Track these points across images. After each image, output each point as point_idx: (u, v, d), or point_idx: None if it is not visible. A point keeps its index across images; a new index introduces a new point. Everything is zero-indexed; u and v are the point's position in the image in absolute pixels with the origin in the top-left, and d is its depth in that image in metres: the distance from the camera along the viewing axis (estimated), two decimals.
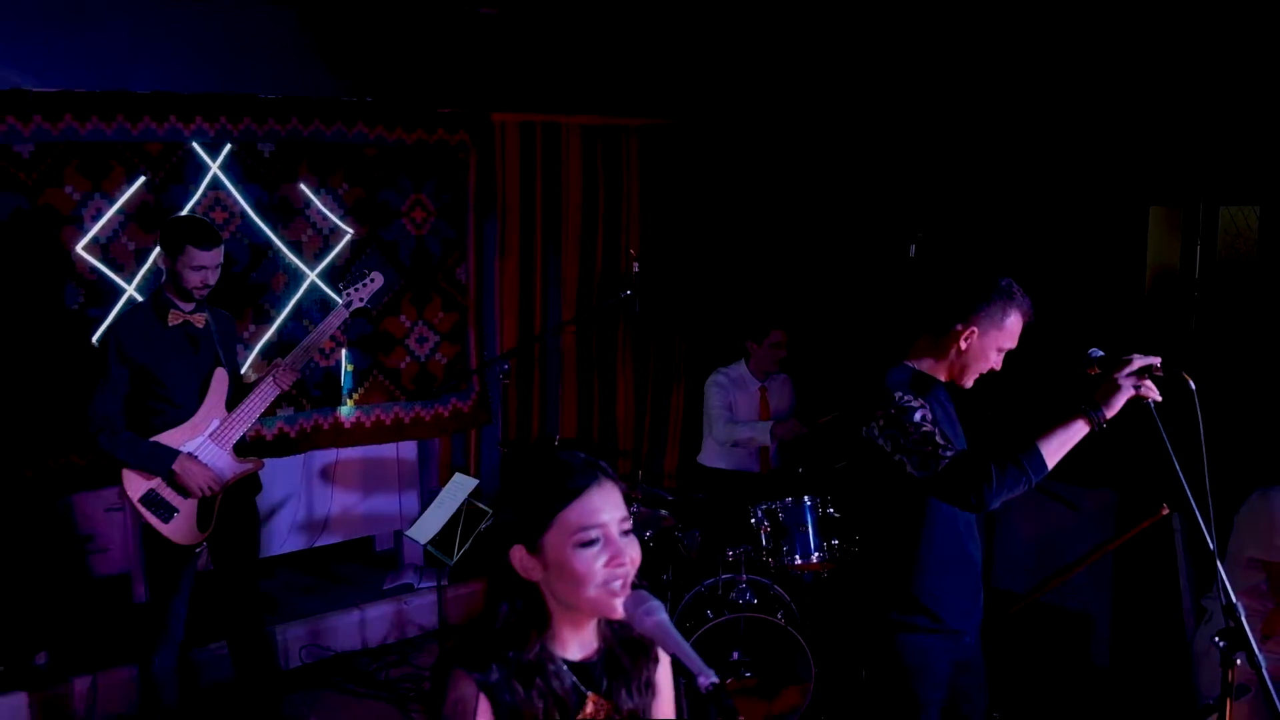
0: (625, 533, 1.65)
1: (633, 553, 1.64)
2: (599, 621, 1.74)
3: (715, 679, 1.42)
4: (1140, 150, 4.81)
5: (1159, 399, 2.33)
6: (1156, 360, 2.36)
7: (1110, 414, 2.37)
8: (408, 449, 5.34)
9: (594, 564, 1.61)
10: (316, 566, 5.21)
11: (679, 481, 5.81)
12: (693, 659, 1.47)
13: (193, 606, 3.64)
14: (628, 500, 1.73)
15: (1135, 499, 4.58)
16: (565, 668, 1.71)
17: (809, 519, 4.20)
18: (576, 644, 1.74)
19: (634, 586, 1.64)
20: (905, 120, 5.62)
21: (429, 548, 3.95)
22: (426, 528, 3.99)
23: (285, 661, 4.53)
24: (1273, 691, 2.20)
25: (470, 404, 5.26)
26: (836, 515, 4.25)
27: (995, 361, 2.67)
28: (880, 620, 2.70)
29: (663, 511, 4.47)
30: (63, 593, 4.28)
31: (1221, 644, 2.16)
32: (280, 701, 4.00)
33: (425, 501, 5.26)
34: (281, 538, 4.97)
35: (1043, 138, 5.11)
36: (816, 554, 4.17)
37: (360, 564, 5.44)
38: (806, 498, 4.22)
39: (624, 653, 1.77)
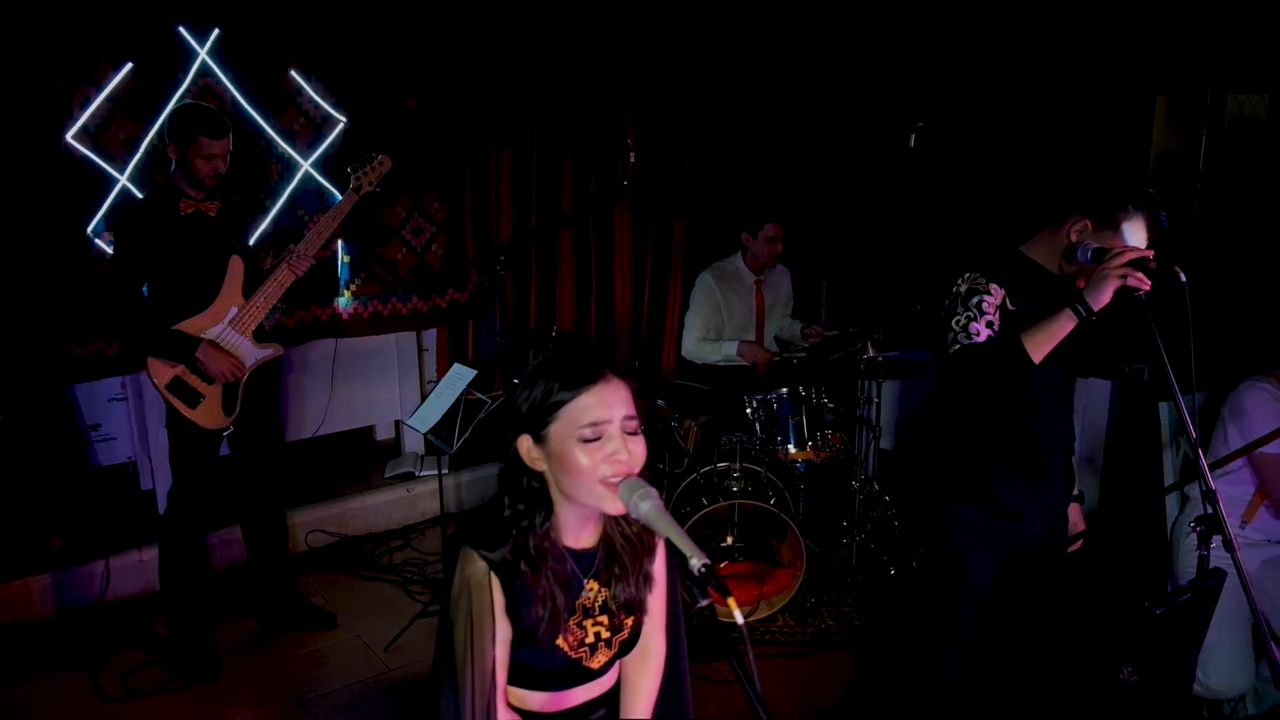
0: (630, 432, 1.67)
1: (635, 449, 1.66)
2: (602, 514, 1.78)
3: (707, 561, 1.46)
4: (1148, 38, 4.70)
5: (1148, 287, 2.30)
6: (1149, 252, 2.35)
7: (1097, 305, 2.35)
8: (406, 339, 5.38)
9: (594, 458, 1.63)
10: (318, 455, 5.30)
11: (677, 373, 5.85)
12: (686, 542, 1.51)
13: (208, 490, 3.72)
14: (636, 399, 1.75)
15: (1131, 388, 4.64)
16: (568, 554, 1.77)
17: (803, 409, 4.26)
18: (580, 533, 1.79)
19: None
20: (906, 7, 5.48)
21: (430, 437, 4.01)
22: (427, 417, 4.04)
23: (291, 546, 4.65)
24: (1246, 575, 2.27)
25: (467, 295, 5.26)
26: (830, 405, 4.30)
27: None
28: (940, 495, 2.75)
29: (659, 401, 4.53)
30: (73, 480, 4.36)
31: (1199, 529, 2.22)
32: (293, 583, 4.13)
33: (424, 391, 5.34)
34: (282, 427, 5.04)
35: (1047, 24, 4.99)
36: (810, 443, 4.24)
37: (361, 452, 5.53)
38: (801, 388, 4.27)
39: (624, 545, 1.82)
